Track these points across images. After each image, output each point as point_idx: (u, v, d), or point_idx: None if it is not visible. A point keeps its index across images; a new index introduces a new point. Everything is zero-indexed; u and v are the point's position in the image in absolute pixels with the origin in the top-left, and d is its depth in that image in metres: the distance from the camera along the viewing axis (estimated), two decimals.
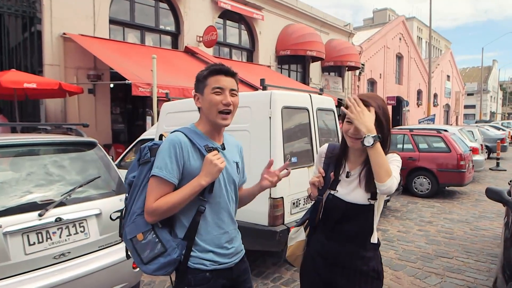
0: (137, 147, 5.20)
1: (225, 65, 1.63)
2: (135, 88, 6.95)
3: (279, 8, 14.82)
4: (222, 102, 1.56)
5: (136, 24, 10.56)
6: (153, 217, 1.49)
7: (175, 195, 1.49)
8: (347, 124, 1.68)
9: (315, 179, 1.74)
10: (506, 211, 3.03)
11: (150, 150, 1.59)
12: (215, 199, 1.59)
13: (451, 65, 38.60)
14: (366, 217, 1.69)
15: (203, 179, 1.49)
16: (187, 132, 1.58)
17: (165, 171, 1.48)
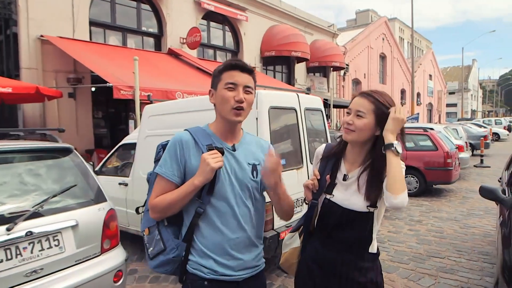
0: (119, 152, 5.00)
1: (242, 60, 1.55)
2: (117, 91, 6.73)
3: (263, 9, 14.74)
4: (234, 98, 1.47)
5: (118, 26, 10.31)
6: (154, 213, 1.51)
7: (171, 194, 1.47)
8: (347, 115, 1.58)
9: (309, 181, 1.61)
10: (500, 210, 2.96)
11: (163, 149, 1.59)
12: (218, 202, 1.49)
13: (433, 65, 39.27)
14: (364, 225, 1.56)
15: (196, 179, 1.43)
16: (193, 131, 1.54)
17: (164, 168, 1.49)
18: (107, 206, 2.66)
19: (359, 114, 1.53)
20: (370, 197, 1.51)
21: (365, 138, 1.55)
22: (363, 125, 1.52)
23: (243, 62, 1.54)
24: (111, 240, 2.62)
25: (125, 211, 4.44)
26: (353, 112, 1.56)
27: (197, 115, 3.48)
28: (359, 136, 1.54)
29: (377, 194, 1.51)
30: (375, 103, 1.52)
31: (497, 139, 24.81)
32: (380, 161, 1.51)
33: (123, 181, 4.47)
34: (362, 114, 1.53)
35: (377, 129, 1.53)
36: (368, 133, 1.53)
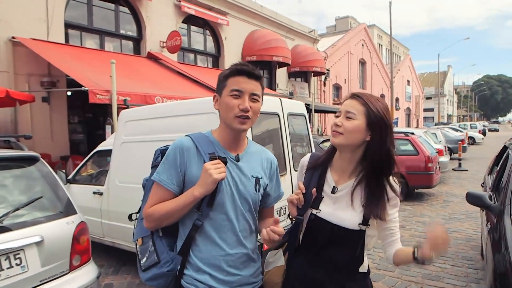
0: (94, 159, 4.76)
1: (250, 65, 1.43)
2: (92, 95, 6.46)
3: (244, 13, 14.66)
4: (239, 106, 1.38)
5: (95, 28, 9.99)
6: (148, 223, 1.43)
7: (169, 204, 1.38)
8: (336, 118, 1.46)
9: (293, 196, 1.46)
10: (487, 217, 2.92)
11: (162, 154, 1.52)
12: (217, 214, 1.41)
13: (411, 71, 40.15)
14: (355, 244, 1.44)
15: (196, 190, 1.35)
16: (195, 137, 1.45)
17: (162, 175, 1.40)
18: (77, 219, 2.46)
19: (349, 116, 1.40)
20: (367, 214, 1.41)
21: (354, 142, 1.41)
22: (353, 127, 1.39)
23: (251, 67, 1.43)
24: (81, 256, 2.42)
25: (100, 221, 4.20)
26: (343, 114, 1.43)
27: (181, 120, 3.32)
28: (348, 139, 1.40)
29: (378, 212, 1.39)
30: (366, 105, 1.40)
31: (473, 143, 25.44)
32: (373, 176, 1.41)
33: (98, 190, 4.24)
34: (352, 115, 1.40)
35: (367, 134, 1.40)
36: (357, 136, 1.39)
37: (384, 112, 1.40)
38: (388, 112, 1.43)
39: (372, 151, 1.40)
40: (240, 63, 1.44)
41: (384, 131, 1.39)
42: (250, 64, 1.47)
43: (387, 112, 1.42)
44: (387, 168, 1.43)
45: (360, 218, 1.42)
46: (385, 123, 1.39)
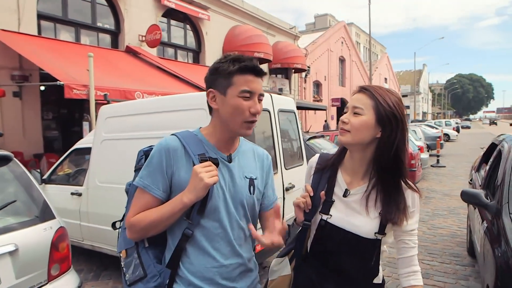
0: (71, 157, 4.49)
1: (254, 60, 1.26)
2: (69, 90, 6.14)
3: (226, 8, 14.43)
4: (250, 110, 1.24)
5: (70, 20, 9.54)
6: (132, 233, 1.27)
7: (154, 212, 1.23)
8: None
9: (300, 199, 1.33)
10: (482, 215, 2.88)
11: (145, 155, 1.37)
12: (209, 222, 1.26)
13: (388, 69, 40.91)
14: (370, 254, 1.31)
15: (186, 196, 1.19)
16: (183, 137, 1.29)
17: (146, 180, 1.25)
18: (55, 224, 2.25)
19: (356, 111, 1.27)
20: (384, 220, 1.28)
21: (363, 140, 1.27)
22: (360, 123, 1.25)
23: (256, 63, 1.27)
24: (60, 265, 2.22)
25: (79, 224, 3.96)
26: (350, 109, 1.30)
27: (169, 116, 3.13)
28: (356, 137, 1.26)
29: (395, 219, 1.27)
30: (375, 98, 1.26)
31: (448, 140, 26.13)
32: (388, 178, 1.29)
33: (76, 191, 3.99)
34: (359, 110, 1.26)
35: (378, 130, 1.26)
36: (366, 133, 1.26)
37: (395, 105, 1.26)
38: (400, 105, 1.29)
39: (382, 149, 1.27)
40: (244, 57, 1.26)
41: (396, 127, 1.26)
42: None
43: (399, 105, 1.28)
44: (400, 168, 1.30)
45: (376, 226, 1.29)
46: (396, 118, 1.25)
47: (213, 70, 1.28)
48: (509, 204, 2.52)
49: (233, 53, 1.29)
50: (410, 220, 1.31)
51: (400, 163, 1.28)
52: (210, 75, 1.29)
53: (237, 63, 1.24)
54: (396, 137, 1.25)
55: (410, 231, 1.33)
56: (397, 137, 1.25)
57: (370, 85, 1.33)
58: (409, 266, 1.33)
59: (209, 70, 1.30)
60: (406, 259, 1.33)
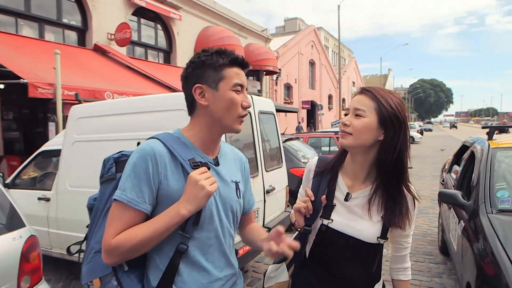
0: (37, 160, 4.23)
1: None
2: (33, 89, 5.79)
3: (197, 9, 14.26)
4: (242, 103, 1.18)
5: (33, 15, 9.05)
6: (113, 257, 1.08)
7: (143, 229, 1.07)
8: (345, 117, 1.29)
9: (301, 204, 1.28)
10: (459, 215, 2.97)
11: (116, 164, 1.21)
12: (202, 233, 1.15)
13: (356, 73, 42.03)
14: (372, 259, 1.30)
15: (184, 207, 1.07)
16: (166, 140, 1.15)
17: (130, 194, 1.07)
18: (25, 233, 2.09)
19: (358, 113, 1.24)
20: (387, 224, 1.27)
21: (365, 143, 1.24)
22: (362, 125, 1.22)
23: (243, 57, 1.21)
24: (31, 277, 2.05)
25: (47, 231, 3.72)
26: (351, 111, 1.27)
27: (147, 117, 3.01)
28: (358, 139, 1.24)
29: (398, 222, 1.26)
30: (377, 100, 1.23)
31: (412, 142, 27.18)
32: (391, 181, 1.26)
33: (44, 196, 3.75)
34: (361, 112, 1.23)
35: (380, 132, 1.24)
36: (369, 136, 1.23)
37: (397, 106, 1.24)
38: (402, 106, 1.27)
39: (385, 152, 1.25)
40: (227, 50, 1.19)
41: (399, 128, 1.23)
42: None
43: (401, 107, 1.26)
44: (403, 171, 1.28)
45: (379, 230, 1.27)
46: (399, 119, 1.23)
47: (199, 64, 1.17)
48: (485, 204, 2.60)
49: (211, 48, 1.21)
50: (410, 223, 1.32)
51: (403, 166, 1.26)
52: (195, 69, 1.18)
53: (225, 55, 1.16)
54: (399, 139, 1.23)
55: (407, 233, 1.36)
56: (400, 139, 1.24)
57: (371, 86, 1.31)
58: (401, 263, 1.40)
59: (192, 64, 1.18)
60: (400, 257, 1.39)
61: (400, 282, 1.39)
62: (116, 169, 1.21)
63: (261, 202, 3.46)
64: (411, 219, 1.30)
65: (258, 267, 4.27)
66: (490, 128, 3.38)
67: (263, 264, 4.36)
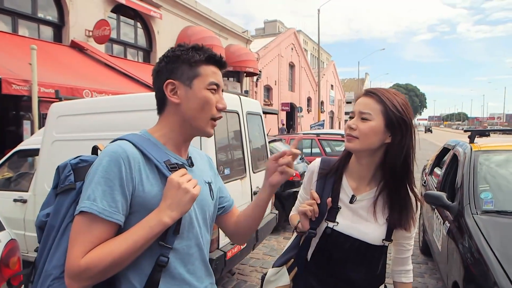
0: (12, 160, 4.03)
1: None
2: (7, 85, 5.55)
3: (178, 8, 14.09)
4: (217, 105, 1.08)
5: (6, 8, 8.67)
6: (81, 281, 0.91)
7: (119, 243, 0.92)
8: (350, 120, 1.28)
9: (307, 207, 1.24)
10: (444, 217, 3.03)
11: (75, 171, 1.04)
12: (182, 242, 1.04)
13: (334, 76, 42.63)
14: (376, 262, 1.29)
15: (166, 215, 0.95)
16: (136, 141, 1.01)
17: (101, 204, 0.92)
18: (5, 237, 1.98)
19: (364, 117, 1.23)
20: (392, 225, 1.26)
21: (372, 147, 1.23)
22: (369, 129, 1.21)
23: (220, 55, 1.12)
24: (12, 283, 1.94)
25: (23, 234, 3.55)
26: (357, 115, 1.25)
27: (129, 116, 2.92)
28: (365, 143, 1.22)
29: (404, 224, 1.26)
30: (383, 102, 1.22)
31: None
32: (397, 183, 1.26)
33: (21, 197, 3.58)
34: (367, 116, 1.22)
35: (387, 135, 1.23)
36: (375, 139, 1.22)
37: (404, 108, 1.23)
38: (408, 108, 1.25)
39: (393, 155, 1.23)
40: (204, 47, 1.10)
41: (406, 131, 1.22)
42: None
43: (407, 109, 1.25)
44: (409, 174, 1.27)
45: (384, 232, 1.27)
46: (406, 122, 1.22)
47: (173, 59, 1.08)
48: (470, 205, 2.66)
49: (187, 43, 1.12)
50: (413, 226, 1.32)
51: (409, 168, 1.26)
52: (168, 63, 1.08)
53: (202, 52, 1.08)
54: (406, 142, 1.23)
55: (410, 235, 1.35)
56: (407, 141, 1.23)
57: (376, 88, 1.29)
58: (403, 265, 1.39)
59: (166, 59, 1.09)
60: (402, 259, 1.39)
61: (402, 284, 1.39)
62: (74, 177, 1.05)
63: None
64: (415, 221, 1.30)
65: (243, 269, 4.23)
66: (472, 132, 3.48)
67: (248, 266, 4.32)
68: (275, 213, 4.21)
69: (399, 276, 1.39)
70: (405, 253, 1.38)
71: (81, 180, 1.01)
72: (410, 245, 1.38)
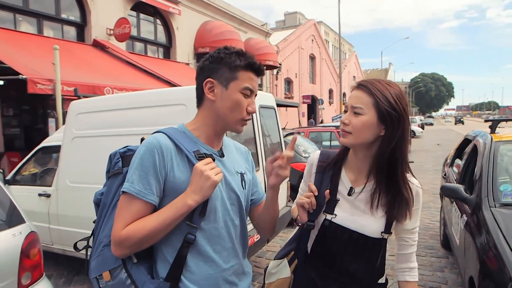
0: (37, 156, 4.21)
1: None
2: (32, 85, 5.77)
3: (197, 3, 14.17)
4: (247, 108, 1.20)
5: (31, 11, 9.00)
6: (122, 249, 1.10)
7: (151, 220, 1.10)
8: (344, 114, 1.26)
9: (304, 199, 1.24)
10: (461, 210, 2.95)
11: (123, 158, 1.23)
12: (209, 223, 1.17)
13: (356, 67, 41.88)
14: (375, 254, 1.28)
15: (190, 198, 1.10)
16: (171, 134, 1.18)
17: (138, 186, 1.10)
18: (25, 229, 2.07)
19: (356, 111, 1.20)
20: (390, 218, 1.25)
21: (366, 140, 1.21)
22: (362, 124, 1.19)
23: (259, 63, 1.23)
24: (32, 273, 2.04)
25: (48, 227, 3.72)
26: (349, 109, 1.23)
27: (149, 112, 2.99)
28: (358, 138, 1.21)
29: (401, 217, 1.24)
30: (374, 95, 1.19)
31: (413, 136, 27.12)
32: (393, 175, 1.23)
33: (45, 192, 3.74)
34: (359, 110, 1.20)
35: (381, 128, 1.20)
36: (369, 133, 1.20)
37: (396, 99, 1.19)
38: (401, 98, 1.21)
39: (386, 147, 1.20)
40: (247, 54, 1.21)
41: (399, 122, 1.19)
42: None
43: (401, 99, 1.21)
44: (404, 165, 1.25)
45: (383, 224, 1.26)
46: (399, 113, 1.19)
47: (217, 59, 1.19)
48: (488, 197, 2.58)
49: (233, 47, 1.23)
50: (413, 218, 1.29)
51: (404, 158, 1.24)
52: (211, 63, 1.20)
53: (243, 58, 1.18)
54: (397, 133, 1.20)
55: (411, 229, 1.33)
56: (399, 133, 1.20)
57: (368, 80, 1.25)
58: (406, 262, 1.35)
59: (210, 58, 1.21)
60: (405, 255, 1.35)
61: (406, 283, 1.34)
62: (122, 163, 1.23)
63: None
64: (413, 213, 1.27)
65: (260, 262, 4.27)
66: (492, 122, 3.35)
67: (265, 259, 4.36)
68: (290, 206, 4.22)
69: (403, 274, 1.34)
70: (408, 249, 1.34)
71: (127, 166, 1.18)
72: (413, 240, 1.34)
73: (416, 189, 1.29)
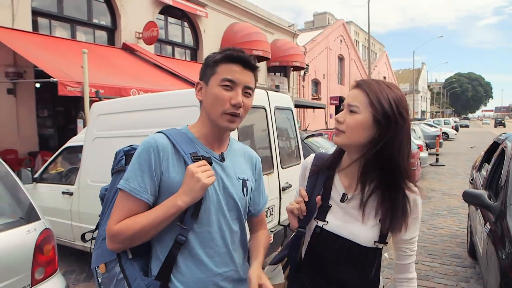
0: (63, 155, 4.38)
1: (244, 52, 1.21)
2: (62, 87, 6.03)
3: (224, 6, 14.31)
4: (230, 101, 1.15)
5: (66, 17, 9.41)
6: (114, 243, 1.13)
7: (143, 217, 1.11)
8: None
9: (294, 205, 1.22)
10: (485, 217, 2.79)
11: (126, 156, 1.28)
12: (202, 227, 1.17)
13: (387, 67, 40.85)
14: (370, 264, 1.21)
15: (180, 199, 1.10)
16: (171, 134, 1.19)
17: (133, 183, 1.12)
18: (40, 226, 2.15)
19: (352, 109, 1.15)
20: (384, 229, 1.18)
21: (359, 141, 1.14)
22: (356, 122, 1.12)
23: (246, 54, 1.20)
24: (45, 268, 2.12)
25: (70, 224, 3.86)
26: (346, 107, 1.18)
27: (162, 113, 3.04)
28: (351, 138, 1.14)
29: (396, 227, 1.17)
30: (372, 95, 1.13)
31: (446, 138, 26.08)
32: (388, 182, 1.16)
33: (68, 190, 3.89)
34: (355, 109, 1.14)
35: (376, 130, 1.13)
36: (362, 134, 1.13)
37: (394, 103, 1.12)
38: (401, 102, 1.14)
39: (380, 151, 1.12)
40: (234, 49, 1.20)
41: (395, 126, 1.11)
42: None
43: (400, 103, 1.13)
44: (401, 173, 1.15)
45: (376, 233, 1.18)
46: (396, 117, 1.11)
47: (204, 62, 1.24)
48: None
49: (233, 47, 1.22)
50: (410, 228, 1.21)
51: (400, 165, 1.15)
52: (202, 67, 1.24)
53: (222, 52, 1.19)
54: (395, 138, 1.12)
55: (409, 239, 1.24)
56: (396, 137, 1.12)
57: (368, 80, 1.21)
58: (404, 272, 1.28)
59: (203, 63, 1.25)
60: (403, 265, 1.28)
61: None
62: (125, 161, 1.27)
63: (276, 199, 3.41)
64: (410, 223, 1.20)
65: None
66: None
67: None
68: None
69: (400, 285, 1.28)
70: (405, 259, 1.27)
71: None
72: (412, 250, 1.26)
73: (414, 198, 1.20)
